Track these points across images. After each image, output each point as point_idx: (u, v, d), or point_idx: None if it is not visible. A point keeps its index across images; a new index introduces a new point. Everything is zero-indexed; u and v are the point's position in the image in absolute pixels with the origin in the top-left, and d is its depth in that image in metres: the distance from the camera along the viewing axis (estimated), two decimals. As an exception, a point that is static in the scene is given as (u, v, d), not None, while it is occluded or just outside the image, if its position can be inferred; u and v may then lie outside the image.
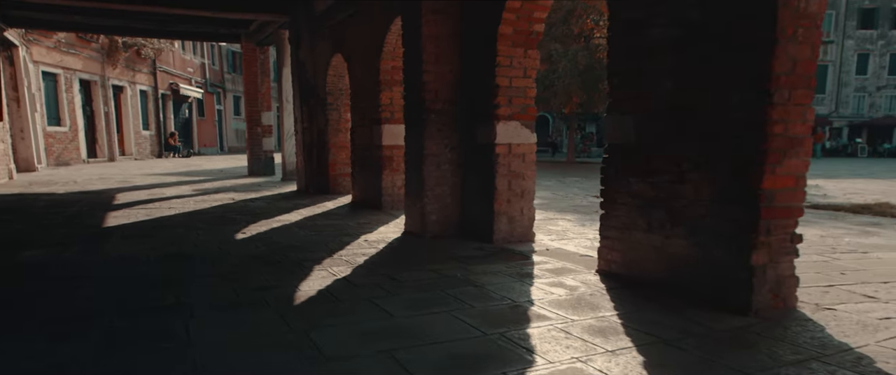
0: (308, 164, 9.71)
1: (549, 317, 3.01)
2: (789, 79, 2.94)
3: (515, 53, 5.04)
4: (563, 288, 3.61)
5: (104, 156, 19.98)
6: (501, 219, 5.13)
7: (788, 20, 2.88)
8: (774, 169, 2.98)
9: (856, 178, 15.91)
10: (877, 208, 8.32)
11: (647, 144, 3.59)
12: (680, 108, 3.37)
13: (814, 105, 3.13)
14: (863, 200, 9.51)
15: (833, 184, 13.67)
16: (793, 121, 3.00)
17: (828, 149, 38.60)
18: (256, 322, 2.93)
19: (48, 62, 16.84)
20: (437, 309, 3.15)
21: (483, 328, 2.83)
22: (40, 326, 2.86)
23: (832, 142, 41.50)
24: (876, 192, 11.27)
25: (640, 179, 3.65)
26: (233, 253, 4.72)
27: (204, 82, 29.79)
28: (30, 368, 2.33)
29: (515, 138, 5.12)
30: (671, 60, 3.40)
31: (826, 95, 43.51)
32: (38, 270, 4.09)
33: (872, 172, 18.84)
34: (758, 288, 3.04)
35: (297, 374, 2.28)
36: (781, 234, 3.09)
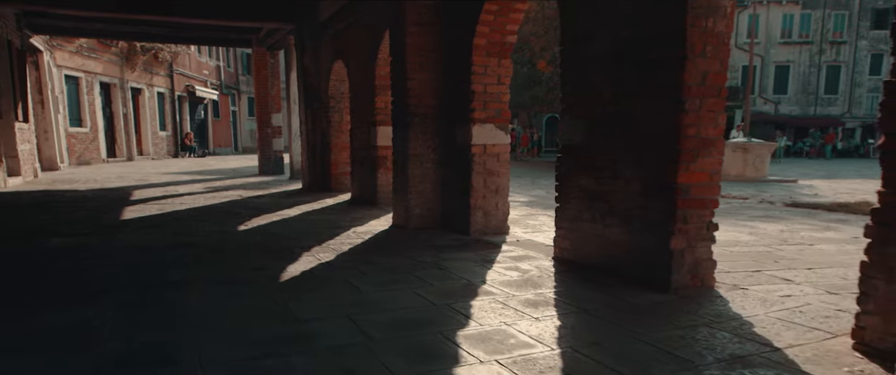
0: (311, 164, 10.29)
1: (494, 293, 3.52)
2: (700, 89, 3.42)
3: (489, 62, 5.55)
4: (517, 271, 4.12)
5: (123, 155, 20.79)
6: (477, 213, 5.64)
7: (697, 39, 3.36)
8: (689, 166, 3.46)
9: (858, 179, 16.01)
10: (855, 206, 8.66)
11: (593, 145, 4.09)
12: (617, 113, 3.86)
13: (827, 106, 3.57)
14: (850, 199, 9.79)
15: (829, 183, 13.95)
16: (705, 126, 3.48)
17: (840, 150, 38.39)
18: (245, 293, 3.48)
19: (71, 66, 17.64)
20: (400, 286, 3.67)
21: (434, 300, 3.36)
22: (67, 294, 3.43)
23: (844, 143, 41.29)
24: (869, 192, 11.48)
25: (587, 176, 4.15)
26: (233, 241, 5.29)
27: (219, 84, 30.62)
28: (60, 322, 2.90)
29: (490, 139, 5.63)
30: (609, 71, 3.89)
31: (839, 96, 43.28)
32: (65, 253, 4.69)
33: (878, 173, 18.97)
34: (676, 269, 3.52)
35: (272, 330, 2.81)
36: (698, 223, 3.57)
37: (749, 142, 15.76)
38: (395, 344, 2.64)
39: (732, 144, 16.11)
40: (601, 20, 3.92)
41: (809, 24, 41.65)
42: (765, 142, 15.91)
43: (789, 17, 41.71)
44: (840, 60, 42.87)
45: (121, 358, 2.46)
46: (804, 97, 41.79)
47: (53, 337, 2.71)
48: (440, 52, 5.93)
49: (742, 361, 2.45)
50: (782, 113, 41.37)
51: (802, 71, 41.85)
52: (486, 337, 2.74)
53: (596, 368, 2.39)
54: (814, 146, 37.58)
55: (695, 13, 3.33)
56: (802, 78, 41.84)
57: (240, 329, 2.84)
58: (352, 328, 2.86)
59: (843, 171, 19.35)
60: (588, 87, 4.09)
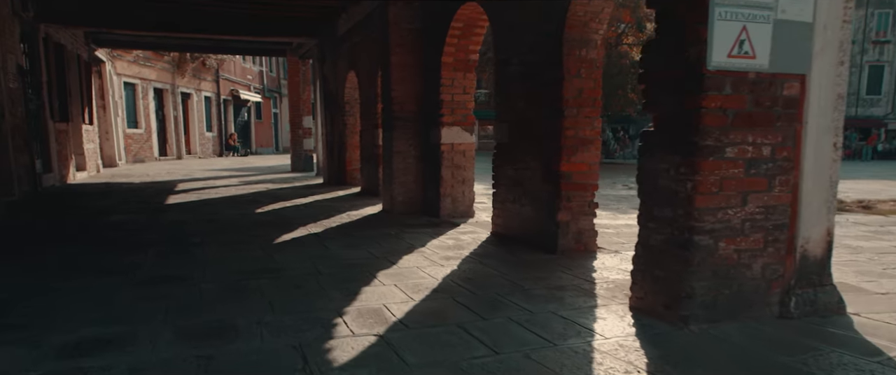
0: (330, 161, 11.71)
1: (425, 252, 4.77)
2: (577, 101, 4.57)
3: (456, 76, 6.77)
4: (454, 240, 5.35)
5: (173, 154, 22.83)
6: (446, 200, 6.87)
7: (573, 64, 4.52)
8: (570, 158, 4.62)
9: (880, 180, 15.72)
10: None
11: (513, 143, 5.28)
12: (526, 119, 5.04)
13: (869, 107, 4.60)
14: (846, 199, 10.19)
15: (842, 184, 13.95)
16: (582, 128, 4.62)
17: (880, 151, 37.61)
18: (244, 249, 4.83)
19: (128, 74, 19.68)
20: (359, 247, 4.96)
21: (377, 254, 4.63)
22: (120, 250, 4.86)
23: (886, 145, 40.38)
24: (872, 192, 11.43)
25: (510, 167, 5.34)
26: (248, 220, 6.69)
27: (262, 88, 32.67)
28: (112, 264, 4.30)
29: (457, 139, 6.85)
30: (521, 88, 5.08)
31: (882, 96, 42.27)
32: (120, 225, 6.17)
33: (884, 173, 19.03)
34: (562, 236, 4.68)
35: (254, 267, 4.13)
36: (580, 201, 4.71)
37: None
38: (334, 276, 3.92)
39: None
40: (514, 50, 5.11)
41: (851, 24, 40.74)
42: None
43: (830, 17, 40.88)
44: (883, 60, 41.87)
45: (154, 279, 3.83)
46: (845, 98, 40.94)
47: (114, 269, 4.11)
48: (420, 67, 7.19)
49: (561, 288, 3.62)
50: (821, 114, 40.61)
51: (843, 71, 40.98)
52: (399, 274, 3.99)
53: (456, 288, 3.61)
54: (849, 147, 36.97)
55: (570, 45, 4.49)
56: (843, 78, 40.97)
57: (233, 266, 4.18)
58: (311, 268, 4.16)
59: (872, 173, 19.05)
60: (509, 99, 5.29)
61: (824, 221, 3.08)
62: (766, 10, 2.70)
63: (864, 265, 4.40)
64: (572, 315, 3.07)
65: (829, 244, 3.13)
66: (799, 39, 2.80)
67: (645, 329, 2.85)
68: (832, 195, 3.10)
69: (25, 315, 3.06)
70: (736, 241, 2.88)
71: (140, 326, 2.86)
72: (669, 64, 2.87)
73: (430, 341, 2.69)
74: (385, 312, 3.12)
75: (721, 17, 2.63)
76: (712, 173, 2.77)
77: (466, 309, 3.18)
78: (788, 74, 2.83)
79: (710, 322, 2.86)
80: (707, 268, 2.84)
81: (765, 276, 2.97)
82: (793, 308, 3.02)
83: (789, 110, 2.88)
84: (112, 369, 2.34)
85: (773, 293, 3.01)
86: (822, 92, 2.93)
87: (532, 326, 2.89)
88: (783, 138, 2.89)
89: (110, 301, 3.34)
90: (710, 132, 2.73)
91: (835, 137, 3.02)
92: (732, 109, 2.76)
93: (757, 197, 2.88)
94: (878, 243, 5.40)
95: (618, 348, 2.60)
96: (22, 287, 3.64)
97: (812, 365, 2.40)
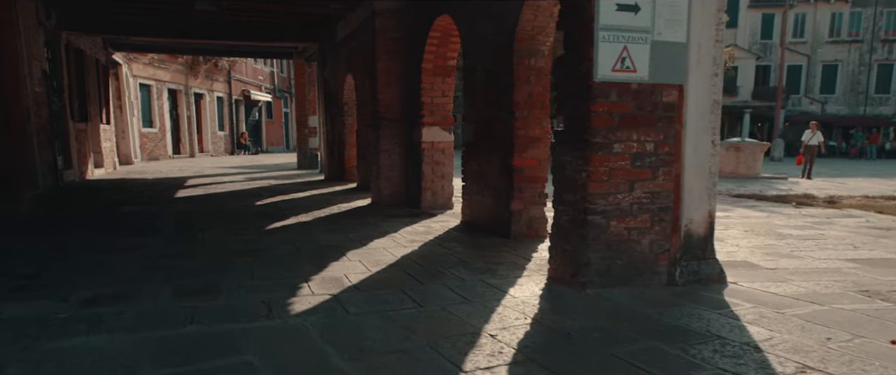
0: (330, 158, 12.43)
1: (396, 236, 5.45)
2: (527, 104, 5.22)
3: (435, 80, 7.43)
4: (426, 227, 6.02)
5: (186, 152, 23.74)
6: (427, 193, 7.54)
7: (523, 72, 5.16)
8: (522, 154, 5.26)
9: (876, 178, 16.15)
10: (802, 199, 9.79)
11: (478, 141, 5.93)
12: (488, 119, 5.70)
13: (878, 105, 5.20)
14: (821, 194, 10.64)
15: (830, 182, 14.23)
16: (532, 128, 5.27)
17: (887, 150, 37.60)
18: (238, 235, 5.54)
19: (144, 75, 20.58)
20: (339, 233, 5.65)
21: (353, 238, 5.31)
22: (133, 233, 5.59)
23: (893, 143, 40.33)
24: (856, 190, 11.84)
25: (476, 162, 6.00)
26: (248, 210, 7.42)
27: (272, 88, 33.57)
28: (125, 244, 5.02)
29: (436, 137, 7.51)
30: (484, 92, 5.73)
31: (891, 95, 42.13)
32: (133, 214, 6.93)
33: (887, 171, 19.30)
34: (515, 223, 5.33)
35: (244, 249, 4.83)
36: (531, 192, 5.36)
37: (742, 141, 16.90)
38: (310, 254, 4.61)
39: (726, 144, 17.26)
40: (478, 58, 5.78)
41: (860, 23, 40.75)
42: (757, 142, 16.99)
43: (838, 16, 40.96)
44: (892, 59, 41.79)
45: (159, 255, 4.55)
46: (853, 97, 41.02)
47: (126, 248, 4.84)
48: (404, 72, 7.87)
49: (499, 264, 4.27)
50: (829, 112, 40.69)
51: (852, 70, 41.02)
52: (366, 253, 4.68)
53: (410, 263, 4.29)
54: (855, 146, 37.07)
55: (520, 55, 5.14)
56: (851, 77, 41.01)
57: (227, 247, 4.90)
58: (292, 248, 4.86)
59: (870, 171, 19.42)
60: (474, 103, 5.95)
61: (706, 205, 3.71)
62: (644, 32, 3.34)
63: (776, 248, 5.00)
64: (497, 283, 3.73)
65: (710, 224, 3.76)
66: (675, 56, 3.44)
67: (549, 292, 3.51)
68: (712, 183, 3.72)
69: (52, 279, 3.78)
70: (625, 221, 3.52)
71: (145, 287, 3.57)
72: (570, 76, 3.52)
73: (371, 299, 3.36)
74: (344, 280, 3.80)
75: (604, 39, 3.27)
76: (602, 165, 3.42)
77: (412, 278, 3.86)
78: (667, 84, 3.47)
79: (605, 287, 3.51)
80: (601, 243, 3.49)
81: (652, 250, 3.61)
82: (678, 277, 3.65)
83: (669, 113, 3.51)
84: (123, 314, 3.04)
85: (660, 264, 3.64)
86: (698, 98, 3.57)
87: (459, 290, 3.55)
88: (665, 136, 3.53)
89: (122, 270, 4.06)
90: (598, 131, 3.38)
91: (712, 136, 3.66)
92: (618, 113, 3.41)
93: (642, 185, 3.52)
94: (809, 232, 5.98)
95: (520, 303, 3.26)
96: (49, 259, 4.38)
97: (665, 315, 3.04)
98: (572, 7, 3.52)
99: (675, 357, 2.46)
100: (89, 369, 2.34)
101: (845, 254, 4.76)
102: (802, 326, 2.86)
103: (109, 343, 2.62)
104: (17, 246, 4.95)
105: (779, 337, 2.69)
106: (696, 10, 3.46)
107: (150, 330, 2.79)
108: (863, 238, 5.63)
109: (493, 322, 2.93)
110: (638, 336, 2.70)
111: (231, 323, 2.90)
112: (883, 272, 4.11)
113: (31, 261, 4.33)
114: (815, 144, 16.55)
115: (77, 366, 2.36)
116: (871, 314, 3.07)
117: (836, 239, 5.51)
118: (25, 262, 4.30)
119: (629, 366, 2.35)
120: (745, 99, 38.67)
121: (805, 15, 41.06)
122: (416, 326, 2.87)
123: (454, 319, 2.99)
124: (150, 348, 2.56)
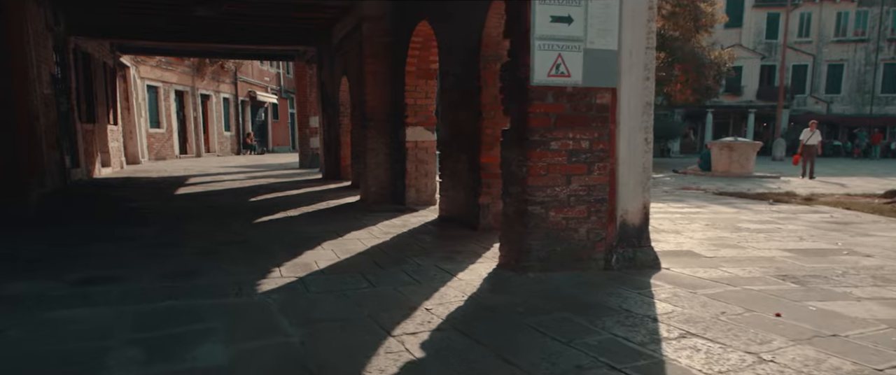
0: (328, 157, 12.86)
1: (373, 229, 5.84)
2: (493, 105, 5.59)
3: (419, 83, 7.82)
4: (404, 221, 6.41)
5: (193, 152, 24.30)
6: (411, 190, 7.93)
7: (489, 75, 5.54)
8: (488, 152, 5.64)
9: (871, 177, 16.34)
10: (782, 197, 10.07)
11: (452, 140, 6.32)
12: (459, 120, 6.08)
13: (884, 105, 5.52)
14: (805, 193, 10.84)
15: (828, 181, 14.40)
16: (497, 128, 5.61)
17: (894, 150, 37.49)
18: (226, 226, 5.96)
19: (151, 77, 21.15)
20: (320, 225, 6.05)
21: (332, 230, 5.71)
22: (129, 226, 6.03)
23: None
24: (856, 189, 11.88)
25: (450, 160, 6.38)
26: (241, 206, 7.85)
27: (278, 89, 34.12)
28: (123, 233, 5.46)
29: (420, 137, 7.90)
30: (456, 95, 6.12)
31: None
32: (133, 209, 7.38)
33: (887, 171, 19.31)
34: (483, 216, 5.71)
35: (228, 238, 5.24)
36: (497, 187, 5.67)
37: (735, 141, 17.15)
38: (288, 244, 5.01)
39: (719, 143, 17.54)
40: (451, 63, 6.17)
41: (866, 22, 40.61)
42: (749, 141, 17.24)
43: (844, 15, 40.87)
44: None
45: (151, 244, 4.98)
46: (859, 96, 40.90)
47: (122, 238, 5.28)
48: (389, 77, 8.26)
49: (458, 252, 4.65)
50: (835, 112, 40.61)
51: (857, 69, 40.90)
52: (340, 243, 5.08)
53: (378, 252, 4.68)
54: (859, 146, 37.02)
55: (485, 60, 5.52)
56: (857, 76, 40.88)
57: (214, 237, 5.31)
58: (273, 239, 5.27)
59: (868, 170, 19.47)
60: (448, 105, 6.34)
61: (640, 198, 4.07)
62: (577, 41, 3.71)
63: (726, 240, 5.34)
64: (451, 268, 4.12)
65: (645, 215, 4.12)
66: (606, 62, 3.80)
67: (494, 276, 3.89)
68: (646, 178, 4.08)
69: (52, 264, 4.21)
70: (563, 211, 3.89)
71: (133, 271, 3.99)
72: (513, 81, 3.90)
73: (332, 280, 3.76)
74: (313, 265, 4.20)
75: (540, 48, 3.65)
76: (540, 160, 3.79)
77: (374, 264, 4.25)
78: (600, 88, 3.84)
79: (545, 272, 3.88)
80: (541, 231, 3.86)
81: (590, 238, 3.98)
82: (614, 263, 4.02)
83: (603, 114, 3.88)
84: (110, 291, 3.46)
85: (598, 251, 4.01)
86: (631, 100, 3.93)
87: (414, 274, 3.94)
88: (599, 134, 3.89)
89: (115, 256, 4.49)
90: (536, 130, 3.76)
91: (645, 134, 4.02)
92: (554, 113, 3.78)
93: (579, 179, 3.89)
94: (768, 226, 6.31)
95: (464, 285, 3.65)
96: (50, 248, 4.81)
97: (589, 294, 3.41)
98: (514, 19, 3.90)
99: (578, 324, 2.83)
100: (75, 333, 2.75)
101: (788, 245, 5.10)
102: (705, 303, 3.22)
103: (95, 314, 3.03)
104: (24, 237, 5.40)
105: (679, 311, 3.06)
106: (627, 21, 3.83)
107: (132, 305, 3.20)
108: (815, 231, 5.95)
109: (433, 299, 3.32)
110: (554, 310, 3.07)
111: (203, 300, 3.30)
112: (812, 260, 4.46)
113: (35, 249, 4.77)
114: (814, 144, 16.22)
115: (65, 330, 2.78)
116: (775, 293, 3.43)
117: (788, 233, 5.85)
118: (30, 250, 4.74)
119: (533, 331, 2.73)
120: (749, 99, 38.76)
121: (810, 14, 40.98)
122: (365, 302, 3.26)
123: (400, 297, 3.38)
124: (130, 318, 2.97)
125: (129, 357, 2.44)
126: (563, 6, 3.65)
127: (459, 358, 2.42)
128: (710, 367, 2.31)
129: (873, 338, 2.65)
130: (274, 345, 2.58)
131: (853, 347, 2.54)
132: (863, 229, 6.15)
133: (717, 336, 2.66)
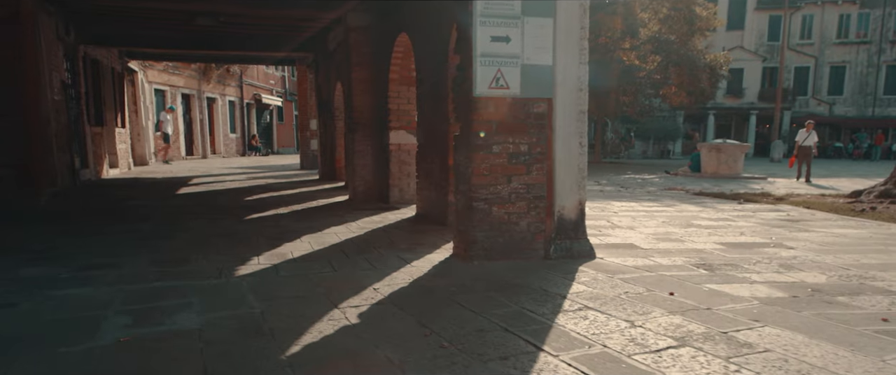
0: (324, 159, 13.44)
1: (351, 225, 6.39)
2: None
3: (401, 89, 8.37)
4: (382, 217, 6.96)
5: (199, 154, 24.98)
6: (394, 189, 8.48)
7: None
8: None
9: (863, 177, 16.40)
10: (755, 197, 10.50)
11: (426, 143, 6.86)
12: (433, 125, 6.62)
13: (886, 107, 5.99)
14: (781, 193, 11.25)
15: (825, 182, 14.71)
16: (465, 132, 6.17)
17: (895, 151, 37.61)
18: (220, 222, 6.53)
19: (158, 81, 21.85)
20: (304, 222, 6.61)
21: (313, 225, 6.27)
22: (130, 221, 6.62)
23: (901, 145, 40.28)
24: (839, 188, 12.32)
25: (425, 161, 6.92)
26: (236, 204, 8.43)
27: (283, 92, 34.83)
28: (122, 229, 6.04)
29: (403, 140, 8.45)
30: (430, 101, 6.66)
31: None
32: (136, 207, 7.98)
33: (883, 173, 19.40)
34: (451, 213, 6.24)
35: (218, 233, 5.81)
36: (465, 187, 6.26)
37: (723, 143, 17.56)
38: (271, 237, 5.57)
39: (708, 145, 17.98)
40: (426, 72, 6.71)
41: (868, 24, 40.74)
42: (737, 143, 17.65)
43: (846, 17, 41.00)
44: (902, 60, 41.77)
45: (148, 237, 5.55)
46: (861, 98, 41.00)
47: (123, 232, 5.85)
48: (375, 82, 8.82)
49: (420, 244, 5.19)
50: (837, 114, 40.74)
51: (860, 71, 41.02)
52: (318, 236, 5.63)
53: (349, 244, 5.22)
54: (859, 148, 37.17)
55: (452, 73, 6.04)
56: (860, 78, 40.99)
57: (205, 231, 5.88)
58: (259, 233, 5.83)
59: (864, 171, 19.66)
60: (423, 110, 6.88)
61: (576, 195, 4.59)
62: (515, 58, 4.24)
63: (671, 235, 5.84)
64: (409, 257, 4.65)
65: (581, 211, 4.64)
66: (542, 76, 4.33)
67: (444, 263, 4.42)
68: (581, 177, 4.60)
69: (59, 253, 4.79)
70: (505, 207, 4.42)
71: (129, 259, 4.56)
72: (461, 92, 4.44)
73: (302, 267, 4.31)
74: (288, 255, 4.75)
75: (482, 64, 4.18)
76: (483, 162, 4.32)
77: (342, 254, 4.80)
78: (537, 98, 4.36)
79: (489, 260, 4.41)
80: (485, 224, 4.39)
81: (530, 231, 4.50)
82: (552, 253, 4.54)
83: (540, 121, 4.41)
84: (107, 275, 4.02)
85: (537, 242, 4.53)
86: (566, 109, 4.45)
87: (374, 261, 4.48)
88: (537, 139, 4.42)
89: (115, 247, 5.06)
90: (479, 135, 4.29)
91: (580, 138, 4.54)
92: (495, 120, 4.31)
93: (519, 178, 4.41)
94: (721, 224, 6.79)
95: (414, 270, 4.18)
96: (58, 241, 5.40)
97: (520, 278, 3.93)
98: (463, 38, 4.43)
99: (497, 300, 3.36)
100: (77, 305, 3.32)
101: (726, 240, 5.59)
102: (616, 285, 3.74)
103: (94, 292, 3.60)
104: (35, 231, 5.99)
105: (588, 291, 3.58)
106: (561, 39, 4.36)
107: (126, 285, 3.76)
108: (760, 228, 6.44)
109: (383, 281, 3.86)
110: (483, 290, 3.60)
111: (187, 281, 3.86)
112: (737, 251, 4.95)
113: (45, 241, 5.35)
114: (809, 145, 15.70)
115: (68, 304, 3.34)
116: (683, 278, 3.94)
117: (735, 229, 6.33)
118: (40, 242, 5.32)
119: (457, 306, 3.26)
120: (751, 101, 39.04)
121: (812, 16, 41.17)
122: (323, 283, 3.80)
123: (355, 279, 3.92)
124: (123, 295, 3.53)
125: (120, 322, 3.00)
126: (501, 28, 4.18)
127: (385, 324, 2.96)
128: (588, 330, 2.83)
129: (740, 311, 3.15)
130: (239, 315, 3.13)
131: (716, 316, 3.05)
132: (807, 226, 6.62)
133: (608, 309, 3.18)
